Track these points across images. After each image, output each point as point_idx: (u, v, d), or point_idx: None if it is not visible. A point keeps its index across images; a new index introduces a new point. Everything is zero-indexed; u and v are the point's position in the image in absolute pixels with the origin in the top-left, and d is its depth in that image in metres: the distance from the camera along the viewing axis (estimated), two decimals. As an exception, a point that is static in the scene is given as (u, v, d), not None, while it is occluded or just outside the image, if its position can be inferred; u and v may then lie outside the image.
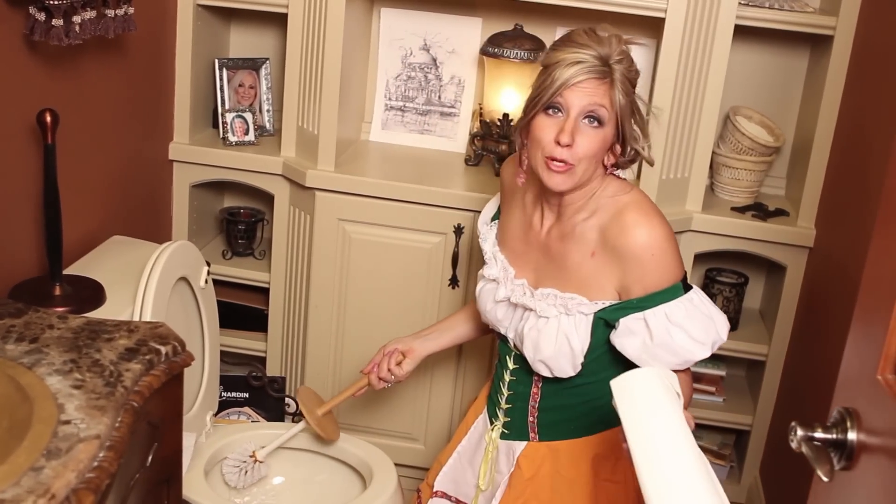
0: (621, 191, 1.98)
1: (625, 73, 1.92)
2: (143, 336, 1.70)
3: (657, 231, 1.92)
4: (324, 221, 2.85)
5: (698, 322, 1.93)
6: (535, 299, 2.04)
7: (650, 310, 1.92)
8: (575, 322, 1.98)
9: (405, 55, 3.07)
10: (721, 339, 1.97)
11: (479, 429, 2.26)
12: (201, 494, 2.30)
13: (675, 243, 1.95)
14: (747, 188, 2.93)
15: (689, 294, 1.95)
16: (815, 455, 1.33)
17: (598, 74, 1.89)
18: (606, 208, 1.96)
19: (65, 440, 1.37)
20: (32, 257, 2.24)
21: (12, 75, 2.09)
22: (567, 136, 1.88)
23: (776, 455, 2.91)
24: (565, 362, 2.00)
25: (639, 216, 1.92)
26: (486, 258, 2.18)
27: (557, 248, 2.02)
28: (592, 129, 1.90)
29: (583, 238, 1.98)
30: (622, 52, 1.92)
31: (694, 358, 1.94)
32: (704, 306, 1.96)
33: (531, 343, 2.04)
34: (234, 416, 2.88)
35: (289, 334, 3.05)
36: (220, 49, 3.14)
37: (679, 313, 1.92)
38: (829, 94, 2.74)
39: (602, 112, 1.90)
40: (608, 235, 1.94)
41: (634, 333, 1.93)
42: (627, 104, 1.93)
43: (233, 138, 3.00)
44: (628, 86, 1.93)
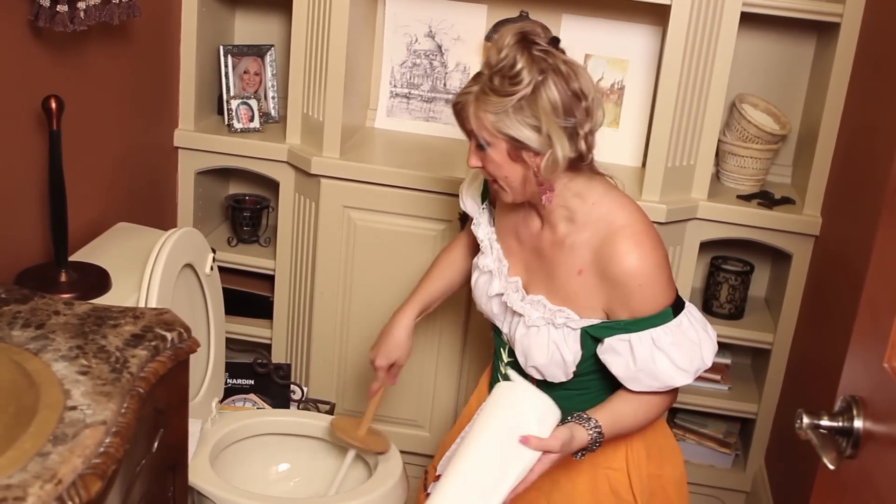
0: (616, 207, 1.95)
1: (486, 85, 1.87)
2: (149, 322, 1.71)
3: (647, 261, 1.90)
4: (329, 208, 2.85)
5: (684, 349, 1.92)
6: (524, 304, 2.03)
7: (636, 333, 1.91)
8: (564, 334, 1.98)
9: (410, 42, 3.06)
10: (705, 366, 1.96)
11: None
12: (207, 481, 2.31)
13: (665, 270, 1.94)
14: (753, 176, 2.93)
15: (679, 318, 1.93)
16: (821, 443, 1.33)
17: (462, 98, 1.92)
18: (599, 228, 1.94)
19: (71, 426, 1.37)
20: (38, 244, 2.24)
21: (17, 61, 2.08)
22: (470, 160, 1.97)
23: (781, 443, 2.92)
24: (557, 371, 2.01)
25: (630, 245, 1.90)
26: (483, 246, 2.16)
27: (549, 253, 2.01)
28: (482, 152, 1.93)
29: (573, 252, 1.97)
30: (500, 59, 1.87)
31: (674, 384, 1.94)
32: (692, 330, 1.94)
33: (522, 350, 2.05)
34: (240, 403, 2.88)
35: (294, 321, 3.05)
36: (224, 36, 3.13)
37: (666, 339, 1.91)
38: (836, 82, 2.73)
39: (479, 136, 1.91)
40: (598, 258, 1.93)
41: (619, 354, 1.93)
42: (503, 116, 1.86)
43: (238, 125, 3.00)
44: (494, 97, 1.86)
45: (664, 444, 2.14)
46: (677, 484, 2.15)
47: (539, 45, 1.88)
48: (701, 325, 1.97)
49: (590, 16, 2.94)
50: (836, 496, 1.39)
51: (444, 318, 2.87)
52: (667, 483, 2.13)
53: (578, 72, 1.90)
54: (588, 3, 2.92)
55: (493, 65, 1.88)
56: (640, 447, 2.07)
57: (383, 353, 2.32)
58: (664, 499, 2.13)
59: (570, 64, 1.89)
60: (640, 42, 2.93)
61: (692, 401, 3.01)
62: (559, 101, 1.86)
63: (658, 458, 2.11)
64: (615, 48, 2.95)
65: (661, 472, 2.12)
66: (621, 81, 2.96)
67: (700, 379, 3.00)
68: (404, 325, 2.32)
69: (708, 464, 3.10)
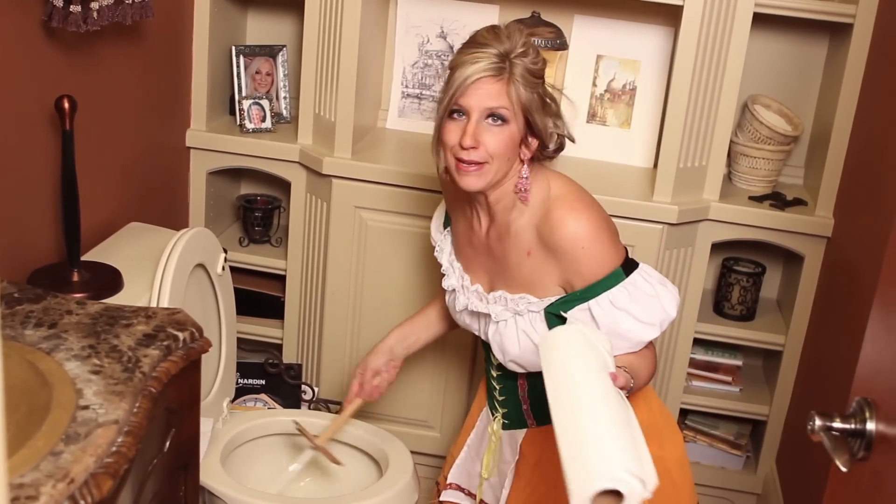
0: (550, 185, 2.00)
1: (527, 66, 1.92)
2: (161, 322, 1.71)
3: (584, 223, 1.93)
4: (340, 209, 2.85)
5: (643, 304, 1.95)
6: (488, 304, 2.08)
7: (594, 299, 1.94)
8: (529, 320, 2.02)
9: (422, 42, 3.06)
10: (670, 316, 1.98)
11: (484, 421, 2.30)
12: (218, 480, 2.31)
13: (607, 230, 1.97)
14: (765, 177, 2.92)
15: (632, 276, 1.96)
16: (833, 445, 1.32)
17: (493, 72, 1.90)
18: (537, 206, 1.98)
19: (83, 425, 1.37)
20: (51, 243, 2.24)
21: (31, 61, 2.09)
22: (469, 139, 1.91)
23: (793, 445, 2.91)
24: (534, 358, 2.02)
25: (564, 211, 1.94)
26: (444, 269, 2.21)
27: (497, 248, 2.05)
28: (497, 127, 1.92)
29: (518, 237, 2.01)
30: (525, 44, 1.92)
31: (644, 339, 1.96)
32: (649, 286, 1.97)
33: (497, 346, 2.09)
34: (251, 403, 2.89)
35: (305, 321, 3.05)
36: (236, 36, 3.14)
37: (622, 298, 1.94)
38: (849, 83, 2.72)
39: (503, 111, 1.91)
40: (541, 234, 1.97)
41: (582, 323, 1.95)
42: (533, 97, 1.93)
43: (249, 125, 3.00)
44: (531, 78, 1.93)
45: (663, 425, 2.15)
46: (679, 463, 2.16)
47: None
48: (657, 280, 2.00)
49: (602, 16, 2.94)
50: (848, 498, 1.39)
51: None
52: (669, 463, 2.12)
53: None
54: (600, 4, 2.91)
55: (515, 46, 1.91)
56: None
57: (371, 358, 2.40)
58: (668, 479, 2.12)
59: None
60: (651, 43, 2.93)
61: (703, 402, 3.01)
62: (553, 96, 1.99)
63: (658, 438, 2.12)
64: (627, 49, 2.95)
65: (663, 453, 2.12)
66: (633, 82, 2.96)
67: (711, 381, 3.02)
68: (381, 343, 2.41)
69: (719, 465, 3.09)
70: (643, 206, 2.70)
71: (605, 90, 2.98)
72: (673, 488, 2.15)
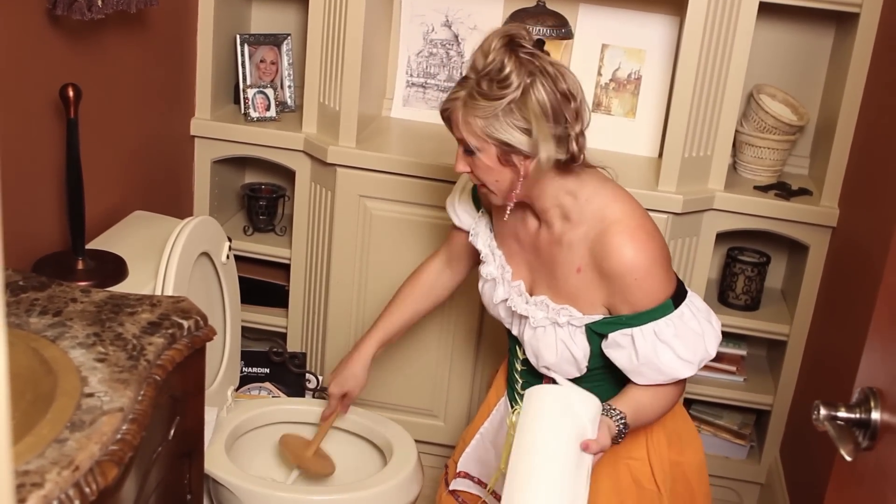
0: (609, 201, 1.94)
1: (474, 89, 1.86)
2: (166, 310, 1.71)
3: (642, 254, 1.89)
4: (345, 198, 2.85)
5: (687, 340, 1.92)
6: (528, 306, 2.04)
7: (638, 328, 1.91)
8: (569, 332, 1.99)
9: (427, 31, 3.06)
10: (709, 356, 1.96)
11: (501, 411, 2.27)
12: (222, 468, 2.31)
13: (663, 261, 1.93)
14: (770, 167, 2.92)
15: (681, 309, 1.93)
16: (838, 434, 1.32)
17: (448, 105, 1.91)
18: (593, 224, 1.93)
19: (88, 413, 1.37)
20: (55, 232, 2.25)
21: (35, 50, 2.09)
22: (457, 166, 1.97)
23: (797, 435, 2.91)
24: (569, 367, 2.01)
25: (624, 238, 1.90)
26: (483, 256, 2.17)
27: (548, 252, 2.02)
28: (470, 157, 1.93)
29: (570, 249, 1.96)
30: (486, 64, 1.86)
31: (679, 376, 1.93)
32: (695, 321, 1.94)
33: (532, 351, 2.06)
34: (255, 392, 2.89)
35: (309, 310, 3.06)
36: (241, 24, 3.14)
37: (668, 332, 1.91)
38: (854, 73, 2.72)
39: (468, 141, 1.91)
40: (595, 255, 1.93)
41: (622, 347, 1.93)
42: (490, 118, 1.86)
43: (254, 114, 3.00)
44: (482, 101, 1.85)
45: (684, 431, 2.14)
46: (698, 470, 2.16)
47: (525, 47, 1.87)
48: (704, 315, 1.97)
49: (607, 5, 2.93)
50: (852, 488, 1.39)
51: (459, 309, 2.87)
52: (688, 469, 2.13)
53: (565, 73, 1.89)
54: (605, -7, 2.91)
55: (479, 69, 1.87)
56: (660, 435, 2.07)
57: (337, 382, 2.41)
58: (685, 486, 2.13)
59: (556, 65, 1.89)
60: (657, 32, 2.92)
61: (707, 392, 3.01)
62: (548, 102, 1.86)
63: (678, 444, 2.12)
64: (632, 38, 2.94)
65: (682, 459, 2.12)
66: (638, 71, 2.95)
67: (715, 370, 3.02)
68: (362, 358, 2.39)
69: (723, 455, 3.10)
70: (648, 195, 2.69)
71: (610, 79, 2.98)
72: (689, 494, 2.16)
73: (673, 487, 2.10)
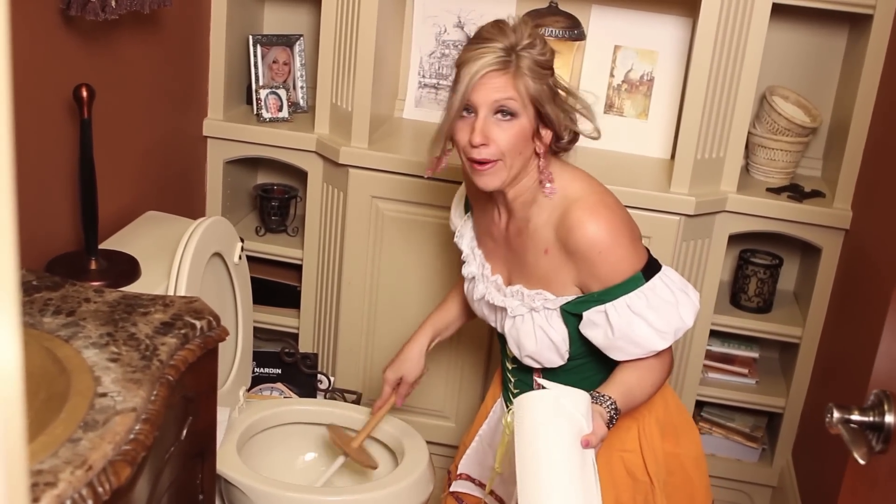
0: (568, 182, 1.96)
1: (534, 58, 1.88)
2: (179, 310, 1.71)
3: (604, 228, 1.89)
4: (357, 198, 2.85)
5: (661, 311, 1.91)
6: (505, 297, 2.06)
7: (611, 303, 1.91)
8: (545, 316, 1.99)
9: (439, 32, 3.06)
10: (685, 326, 1.95)
11: (498, 413, 2.28)
12: (234, 469, 2.32)
13: (627, 234, 1.93)
14: (783, 169, 2.91)
15: (653, 281, 1.92)
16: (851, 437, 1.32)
17: (499, 66, 1.86)
18: (555, 205, 1.95)
19: (101, 412, 1.38)
20: (68, 232, 2.25)
21: (49, 50, 2.10)
22: (478, 136, 1.88)
23: (809, 438, 2.90)
24: (551, 354, 2.02)
25: (583, 213, 1.90)
26: (464, 256, 2.19)
27: (516, 243, 2.03)
28: (506, 122, 1.89)
29: (536, 234, 1.98)
30: (531, 35, 1.89)
31: (656, 348, 1.93)
32: (668, 291, 1.93)
33: (513, 341, 2.07)
34: (267, 392, 2.89)
35: (321, 311, 3.06)
36: (254, 25, 3.14)
37: (640, 303, 1.91)
38: (868, 75, 2.71)
39: (511, 104, 1.87)
40: (559, 234, 1.94)
41: (597, 325, 1.93)
42: (543, 88, 1.89)
43: (266, 115, 3.00)
44: (539, 70, 1.89)
45: (679, 422, 2.14)
46: (696, 460, 2.16)
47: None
48: (679, 286, 1.96)
49: (619, 6, 2.93)
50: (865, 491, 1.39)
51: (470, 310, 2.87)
52: (685, 460, 2.13)
53: None
54: (618, -6, 2.91)
55: (521, 39, 1.88)
56: (653, 427, 2.08)
57: (392, 367, 2.38)
58: (683, 476, 2.14)
59: None
60: (669, 33, 2.92)
61: (719, 394, 3.00)
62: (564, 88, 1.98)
63: (673, 435, 2.12)
64: (645, 39, 2.94)
65: (679, 450, 2.13)
66: (650, 73, 2.95)
67: (728, 373, 3.01)
68: (417, 344, 2.38)
69: (734, 458, 3.09)
70: (660, 197, 2.69)
71: (622, 81, 2.97)
72: (688, 484, 2.16)
73: (669, 479, 2.10)
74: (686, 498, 2.16)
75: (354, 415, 2.58)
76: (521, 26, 1.90)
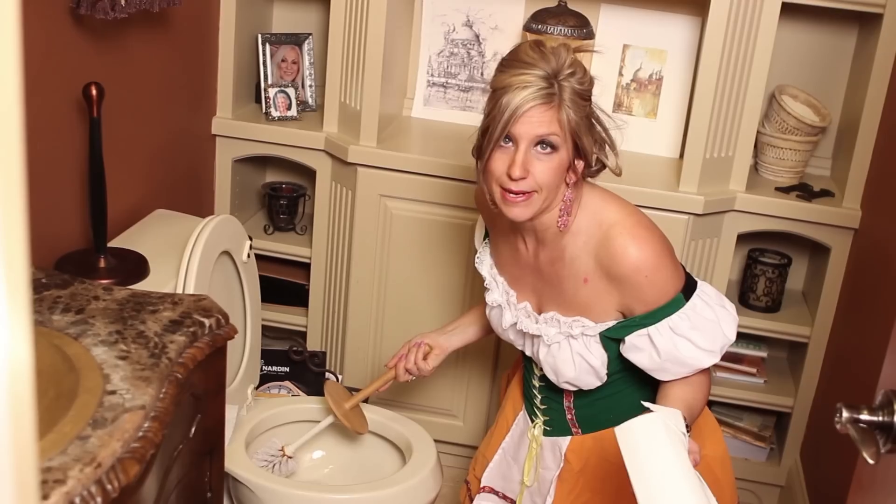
0: (601, 206, 1.93)
1: (575, 87, 1.83)
2: (187, 308, 1.72)
3: (647, 251, 1.87)
4: (365, 197, 2.85)
5: (704, 330, 1.91)
6: (539, 325, 2.02)
7: (653, 326, 1.90)
8: (584, 343, 1.97)
9: (448, 31, 3.06)
10: (729, 341, 1.94)
11: (521, 426, 2.25)
12: (242, 466, 2.32)
13: (668, 255, 1.91)
14: (792, 168, 2.90)
15: (692, 301, 1.91)
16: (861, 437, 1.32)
17: (544, 99, 1.80)
18: (591, 232, 1.92)
19: (110, 410, 1.38)
20: (77, 230, 2.26)
21: (59, 49, 2.10)
22: (518, 170, 1.81)
23: (817, 437, 2.89)
24: (590, 378, 2.00)
25: (626, 239, 1.87)
26: (486, 283, 2.15)
27: (549, 271, 1.99)
28: (546, 155, 1.83)
29: (574, 263, 1.94)
30: (572, 63, 1.84)
31: (703, 366, 1.92)
32: (708, 309, 1.92)
33: (550, 368, 2.04)
34: (275, 390, 2.90)
35: (330, 309, 3.06)
36: (263, 24, 3.14)
37: (684, 325, 1.90)
38: (878, 74, 2.70)
39: (553, 138, 1.82)
40: (600, 262, 1.91)
41: (641, 349, 1.92)
42: (582, 118, 1.85)
43: (275, 113, 3.01)
44: (580, 101, 1.84)
45: (704, 424, 2.13)
46: (722, 461, 2.15)
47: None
48: (716, 302, 1.95)
49: (628, 6, 2.92)
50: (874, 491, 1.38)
51: (479, 308, 2.87)
52: (712, 462, 2.12)
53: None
54: (627, -7, 2.90)
55: (562, 66, 1.83)
56: None
57: (425, 333, 2.37)
58: (711, 478, 2.13)
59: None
60: (678, 32, 2.91)
61: (728, 394, 3.00)
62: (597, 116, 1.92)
63: (700, 438, 2.11)
64: (654, 38, 2.93)
65: (705, 452, 2.11)
66: (659, 72, 2.94)
67: (736, 372, 3.01)
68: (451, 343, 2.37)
69: (743, 457, 3.08)
70: (669, 196, 2.69)
71: (631, 80, 2.97)
72: (716, 485, 2.14)
73: None
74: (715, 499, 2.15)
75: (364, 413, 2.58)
76: (561, 52, 1.84)
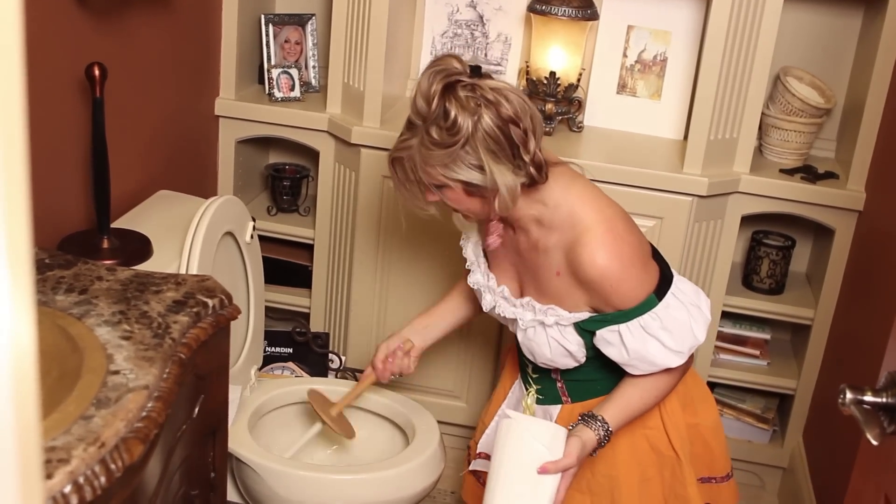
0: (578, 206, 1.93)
1: (426, 142, 1.85)
2: (191, 289, 1.72)
3: (616, 260, 1.89)
4: (368, 178, 2.85)
5: (674, 332, 1.93)
6: (516, 308, 2.06)
7: (625, 324, 1.93)
8: (559, 330, 2.01)
9: (452, 12, 3.05)
10: (698, 342, 1.97)
11: (517, 394, 2.30)
12: (246, 447, 2.33)
13: (638, 261, 1.93)
14: (796, 150, 2.90)
15: (666, 300, 1.93)
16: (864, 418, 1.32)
17: (400, 158, 1.93)
18: (564, 229, 1.94)
19: (114, 390, 1.38)
20: (81, 210, 2.26)
21: (62, 29, 2.09)
22: (427, 196, 1.96)
23: (820, 419, 2.90)
24: (567, 360, 2.04)
25: (594, 247, 1.89)
26: (469, 264, 2.19)
27: (528, 256, 2.03)
28: (439, 191, 1.94)
29: (547, 254, 1.97)
30: (422, 114, 1.86)
31: (670, 366, 1.95)
32: (682, 310, 1.94)
33: (527, 350, 2.09)
34: (278, 371, 2.90)
35: (333, 290, 3.06)
36: (266, 4, 3.13)
37: (654, 325, 1.92)
38: (883, 56, 2.69)
39: (431, 185, 1.91)
40: (569, 262, 1.93)
41: (611, 344, 1.95)
42: (450, 162, 1.85)
43: (278, 94, 3.00)
44: (437, 150, 1.84)
45: (696, 393, 2.17)
46: (714, 429, 2.19)
47: (463, 82, 1.83)
48: (691, 300, 1.97)
49: (633, -14, 2.91)
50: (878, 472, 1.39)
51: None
52: (704, 430, 2.16)
53: (507, 95, 1.85)
54: (631, -26, 2.89)
55: (425, 116, 1.85)
56: (673, 402, 2.10)
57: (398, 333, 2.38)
58: (703, 446, 2.16)
59: (497, 90, 1.84)
60: (683, 13, 2.90)
61: (731, 376, 3.00)
62: (497, 133, 1.83)
63: (692, 407, 2.15)
64: (658, 19, 2.92)
65: (698, 420, 2.16)
66: (664, 53, 2.93)
67: (739, 354, 3.01)
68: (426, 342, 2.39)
69: (745, 439, 3.09)
70: (673, 177, 2.68)
71: (635, 61, 2.96)
72: (708, 453, 2.18)
73: (691, 450, 2.13)
74: (706, 466, 2.18)
75: (365, 394, 2.58)
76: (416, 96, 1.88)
